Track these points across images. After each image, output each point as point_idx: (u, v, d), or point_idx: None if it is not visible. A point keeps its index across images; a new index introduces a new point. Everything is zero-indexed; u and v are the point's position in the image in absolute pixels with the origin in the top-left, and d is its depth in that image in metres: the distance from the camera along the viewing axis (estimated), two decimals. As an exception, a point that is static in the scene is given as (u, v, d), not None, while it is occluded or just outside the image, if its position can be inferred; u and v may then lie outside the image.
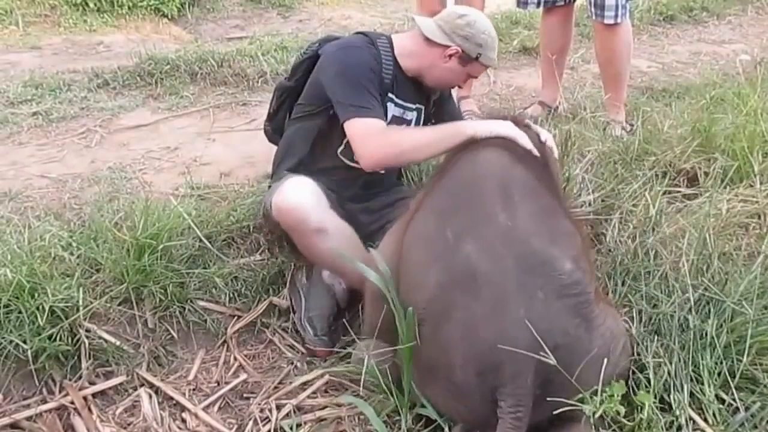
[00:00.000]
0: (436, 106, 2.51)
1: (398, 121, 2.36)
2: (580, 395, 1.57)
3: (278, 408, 1.96)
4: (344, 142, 2.30)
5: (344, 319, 2.28)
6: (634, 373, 1.78)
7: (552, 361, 1.50)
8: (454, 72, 2.36)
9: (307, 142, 2.36)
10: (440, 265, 1.64)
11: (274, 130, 2.58)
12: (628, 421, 1.65)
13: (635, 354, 1.81)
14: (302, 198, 2.14)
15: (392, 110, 2.34)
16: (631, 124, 3.51)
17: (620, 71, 3.58)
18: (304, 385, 2.05)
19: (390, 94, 2.32)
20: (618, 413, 1.61)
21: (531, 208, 1.72)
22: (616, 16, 3.37)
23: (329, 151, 2.35)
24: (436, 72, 2.35)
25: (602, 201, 2.49)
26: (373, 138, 2.15)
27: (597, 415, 1.57)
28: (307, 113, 2.37)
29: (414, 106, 2.39)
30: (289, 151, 2.40)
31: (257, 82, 4.05)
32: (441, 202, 1.83)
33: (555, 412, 1.57)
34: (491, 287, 1.55)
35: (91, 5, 5.42)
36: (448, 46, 2.30)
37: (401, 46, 2.36)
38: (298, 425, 1.83)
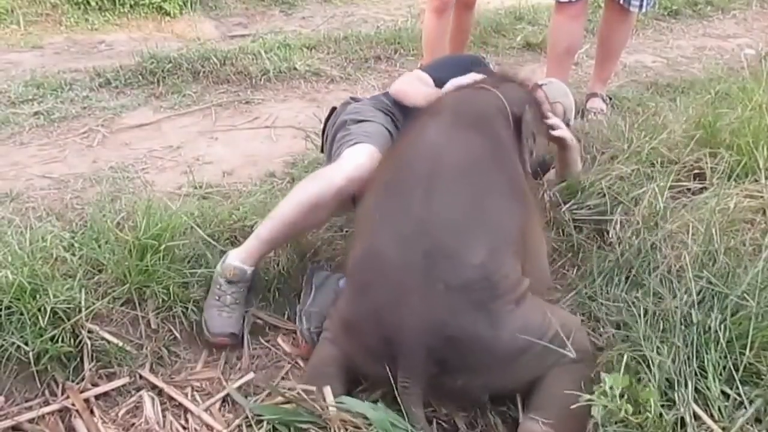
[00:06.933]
0: None
1: None
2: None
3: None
4: None
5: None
6: (637, 371, 1.76)
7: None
8: None
9: None
10: (365, 244, 1.85)
11: None
12: (634, 418, 1.64)
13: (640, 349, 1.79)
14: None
15: None
16: (609, 98, 3.83)
17: (620, 52, 3.85)
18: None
19: None
20: (626, 412, 1.58)
21: (456, 194, 1.83)
22: (641, 6, 3.46)
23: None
24: None
25: (606, 196, 2.47)
26: (408, 78, 2.62)
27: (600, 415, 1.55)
28: None
29: None
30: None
31: (260, 80, 4.04)
32: (386, 176, 1.99)
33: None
34: (397, 276, 1.72)
35: (93, 4, 5.42)
36: None
37: None
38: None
